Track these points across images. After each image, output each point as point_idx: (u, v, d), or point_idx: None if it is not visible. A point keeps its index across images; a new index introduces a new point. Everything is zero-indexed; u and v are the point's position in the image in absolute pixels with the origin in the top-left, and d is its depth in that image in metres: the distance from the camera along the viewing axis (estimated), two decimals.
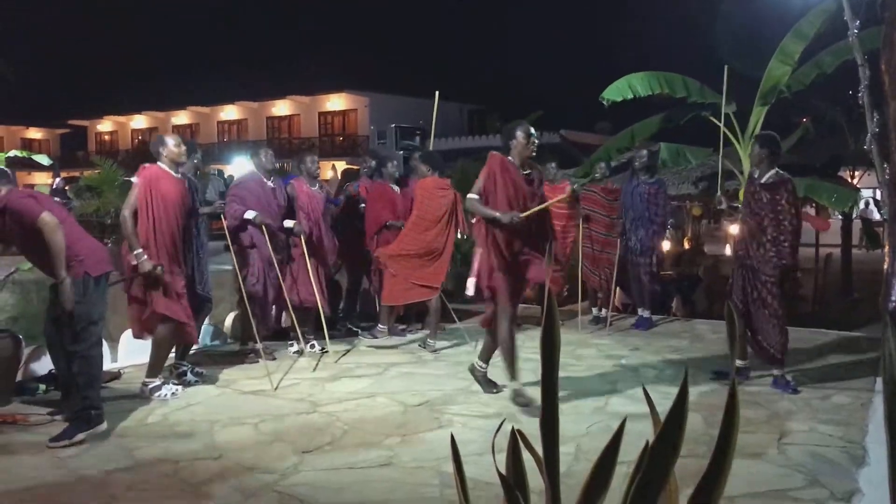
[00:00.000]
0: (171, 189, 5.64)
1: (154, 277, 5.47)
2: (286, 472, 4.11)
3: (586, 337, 8.07)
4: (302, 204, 7.16)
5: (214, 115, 42.69)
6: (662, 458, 1.44)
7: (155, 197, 5.54)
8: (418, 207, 7.34)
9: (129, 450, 4.48)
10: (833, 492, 3.79)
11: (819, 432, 4.77)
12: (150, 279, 5.48)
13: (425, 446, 4.54)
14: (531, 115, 23.81)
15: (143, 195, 5.51)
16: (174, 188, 5.68)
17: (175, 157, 5.76)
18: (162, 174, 5.66)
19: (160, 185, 5.58)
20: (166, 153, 5.74)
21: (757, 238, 5.78)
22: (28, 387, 5.73)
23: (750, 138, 10.14)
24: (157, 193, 5.55)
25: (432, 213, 7.27)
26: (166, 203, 5.57)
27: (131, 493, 3.84)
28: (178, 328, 5.69)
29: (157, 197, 5.54)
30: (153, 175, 5.61)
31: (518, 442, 1.74)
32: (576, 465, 4.12)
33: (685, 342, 7.83)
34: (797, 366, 6.63)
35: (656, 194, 8.30)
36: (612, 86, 10.08)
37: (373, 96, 35.18)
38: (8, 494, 3.82)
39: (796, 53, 9.68)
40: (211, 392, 5.86)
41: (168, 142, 5.79)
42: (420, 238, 7.26)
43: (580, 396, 5.58)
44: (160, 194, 5.56)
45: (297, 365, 6.76)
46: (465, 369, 6.29)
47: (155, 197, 5.54)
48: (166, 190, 5.60)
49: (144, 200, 5.51)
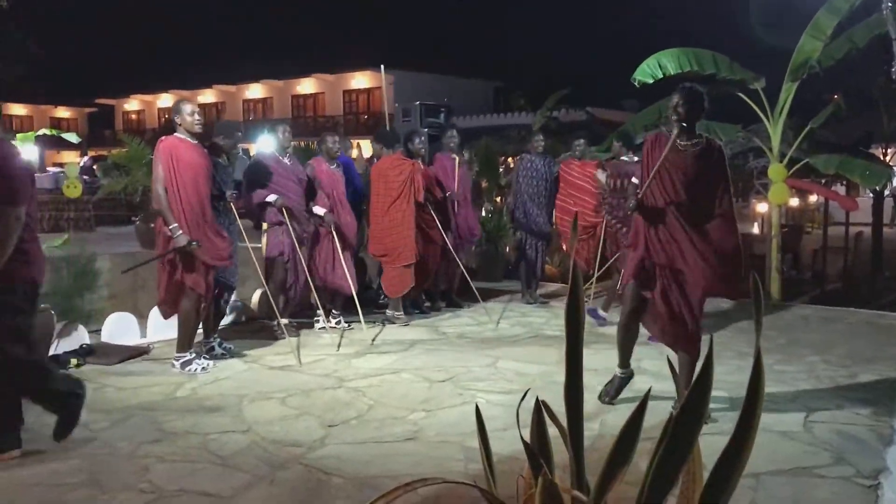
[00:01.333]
0: (191, 157, 5.64)
1: (188, 252, 5.52)
2: (313, 446, 4.16)
3: (612, 314, 8.04)
4: (323, 183, 7.19)
5: (240, 94, 42.79)
6: (686, 429, 1.44)
7: (177, 166, 5.55)
8: (375, 189, 7.46)
9: (159, 423, 4.56)
10: (859, 470, 3.77)
11: (846, 410, 4.74)
12: (184, 254, 5.54)
13: (450, 421, 4.57)
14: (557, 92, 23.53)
15: (166, 167, 5.55)
16: (194, 155, 5.68)
17: (189, 126, 5.74)
18: (179, 143, 5.67)
19: (180, 154, 5.59)
20: (180, 121, 5.75)
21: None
22: (61, 360, 5.84)
23: (779, 115, 9.99)
24: (179, 163, 5.56)
25: (391, 191, 7.41)
26: (189, 171, 5.58)
27: (162, 464, 3.91)
28: (199, 301, 5.76)
29: (179, 166, 5.56)
30: (171, 145, 5.62)
31: (542, 415, 1.75)
32: (600, 441, 4.12)
33: (710, 320, 7.77)
34: (825, 343, 6.59)
35: None
36: (641, 66, 9.93)
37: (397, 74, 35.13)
38: (42, 464, 3.91)
39: (829, 28, 9.49)
40: (238, 367, 5.93)
41: (183, 109, 5.77)
42: (385, 219, 7.44)
43: (605, 374, 5.58)
44: (182, 163, 5.57)
45: (323, 341, 6.82)
46: (488, 346, 6.30)
47: (177, 166, 5.55)
48: (188, 158, 5.61)
49: (169, 171, 5.55)
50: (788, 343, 6.65)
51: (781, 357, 6.09)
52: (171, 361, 5.82)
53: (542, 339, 6.91)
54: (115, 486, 3.63)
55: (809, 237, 19.23)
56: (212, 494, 3.53)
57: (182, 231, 5.49)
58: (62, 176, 12.84)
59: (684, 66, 9.75)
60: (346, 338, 6.94)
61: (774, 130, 10.04)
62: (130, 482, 3.68)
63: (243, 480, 3.70)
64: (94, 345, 6.29)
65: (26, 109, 45.50)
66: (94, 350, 6.16)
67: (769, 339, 6.79)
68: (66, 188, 11.98)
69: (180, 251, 5.52)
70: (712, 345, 1.48)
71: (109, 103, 47.68)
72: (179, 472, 3.82)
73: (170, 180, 5.54)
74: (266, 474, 3.77)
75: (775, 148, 10.05)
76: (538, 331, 7.25)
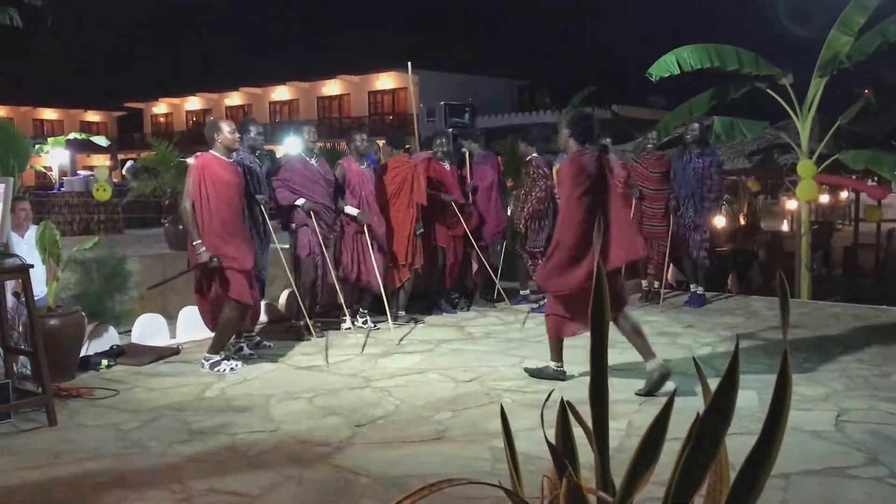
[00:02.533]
0: (224, 175, 5.72)
1: (211, 268, 5.59)
2: (340, 445, 4.18)
3: (639, 314, 7.97)
4: (352, 183, 7.22)
5: (266, 96, 43.10)
6: (713, 429, 1.43)
7: (209, 184, 5.63)
8: (378, 189, 7.46)
9: (188, 423, 4.61)
10: (893, 470, 3.71)
11: (879, 410, 4.66)
12: (208, 269, 5.61)
13: (476, 421, 4.57)
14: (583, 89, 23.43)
15: (196, 183, 5.62)
16: (228, 174, 5.76)
17: (230, 143, 5.84)
18: (215, 161, 5.74)
19: (214, 172, 5.67)
20: (220, 139, 5.80)
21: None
22: (92, 361, 5.92)
23: (808, 111, 9.87)
24: (211, 180, 5.64)
25: (389, 192, 7.46)
26: (221, 189, 5.66)
27: (191, 464, 3.96)
28: (243, 311, 5.81)
29: (211, 184, 5.63)
30: (206, 162, 5.70)
31: (568, 415, 1.74)
32: (627, 441, 4.11)
33: (740, 319, 7.71)
34: (857, 342, 6.50)
35: (709, 168, 8.13)
36: (659, 61, 9.86)
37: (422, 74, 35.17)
38: (75, 463, 3.97)
39: (858, 24, 9.37)
40: (266, 367, 5.98)
41: (223, 128, 5.84)
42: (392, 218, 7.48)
43: (633, 374, 5.55)
44: (214, 181, 5.65)
45: (349, 341, 6.85)
46: (514, 346, 6.29)
47: (209, 184, 5.63)
48: (220, 176, 5.69)
49: (199, 188, 5.61)
50: (819, 341, 6.57)
51: (812, 355, 6.01)
52: (199, 362, 5.88)
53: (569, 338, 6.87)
54: (144, 486, 3.68)
55: (840, 234, 18.97)
56: (240, 494, 3.56)
57: (205, 247, 5.56)
58: (92, 179, 13.02)
59: (704, 63, 9.66)
60: (372, 337, 6.97)
61: (803, 126, 9.92)
62: (160, 481, 3.72)
63: (271, 480, 3.72)
64: (125, 346, 6.37)
65: (57, 113, 46.21)
66: (125, 351, 6.24)
67: (799, 337, 6.71)
68: (95, 191, 12.15)
69: (202, 266, 5.60)
70: (738, 344, 1.47)
71: (138, 107, 48.26)
72: (208, 471, 3.86)
73: (198, 196, 5.61)
74: (294, 474, 3.80)
75: (804, 144, 9.93)
76: None
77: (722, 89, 10.39)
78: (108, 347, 6.22)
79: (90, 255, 6.93)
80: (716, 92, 10.45)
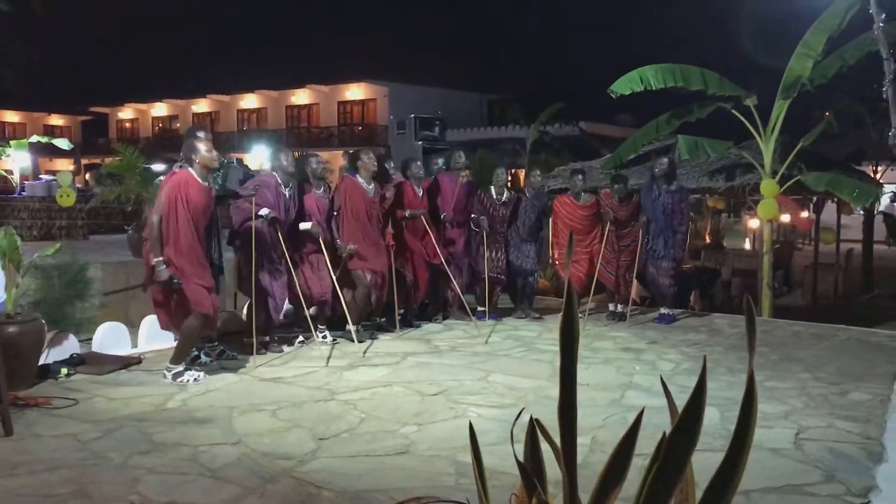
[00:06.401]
0: (197, 198, 5.67)
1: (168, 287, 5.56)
2: (304, 459, 4.15)
3: (603, 330, 8.06)
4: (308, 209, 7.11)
5: (234, 104, 42.80)
6: (679, 449, 1.44)
7: (182, 203, 5.57)
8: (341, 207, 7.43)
9: (149, 434, 4.54)
10: (850, 487, 3.78)
11: (837, 428, 4.75)
12: (164, 287, 5.58)
13: (441, 435, 4.56)
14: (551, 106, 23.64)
15: (170, 200, 5.56)
16: (201, 197, 5.72)
17: (208, 162, 5.77)
18: (191, 181, 5.68)
19: (189, 193, 5.61)
20: (198, 159, 5.73)
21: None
22: (51, 370, 5.81)
23: (771, 132, 10.05)
24: (184, 201, 5.58)
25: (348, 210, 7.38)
26: (191, 210, 5.61)
27: (151, 476, 3.89)
28: (206, 321, 5.75)
29: (183, 204, 5.57)
30: (182, 181, 5.64)
31: (536, 431, 1.75)
32: (591, 457, 4.13)
33: (703, 335, 7.81)
34: (816, 360, 6.61)
35: (679, 203, 8.25)
36: (622, 78, 9.97)
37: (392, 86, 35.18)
38: (31, 475, 3.88)
39: (819, 46, 9.57)
40: (229, 379, 5.91)
41: (200, 148, 5.75)
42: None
43: (596, 389, 5.59)
44: (189, 202, 5.59)
45: (314, 353, 6.80)
46: (480, 360, 6.30)
47: (182, 203, 5.57)
48: (194, 199, 5.64)
49: (170, 205, 5.56)
50: (780, 359, 6.67)
51: (772, 373, 6.10)
52: (162, 372, 5.80)
53: (533, 352, 6.91)
54: (104, 498, 3.61)
55: (800, 253, 19.31)
56: None
57: (165, 265, 5.51)
58: (55, 184, 12.79)
59: (668, 82, 9.80)
60: (338, 349, 6.93)
61: (766, 147, 10.10)
62: (120, 493, 3.66)
63: (233, 493, 3.68)
64: (85, 354, 6.26)
65: (19, 116, 45.45)
66: (85, 360, 6.13)
67: (760, 355, 6.81)
68: (60, 197, 11.93)
69: (161, 284, 5.58)
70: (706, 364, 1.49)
71: (104, 111, 47.65)
72: (169, 483, 3.80)
73: (169, 212, 5.55)
74: (256, 487, 3.76)
75: (767, 165, 10.11)
76: (530, 344, 7.25)
77: (687, 109, 10.55)
78: (69, 356, 6.11)
79: (51, 261, 6.80)
80: (681, 111, 10.61)
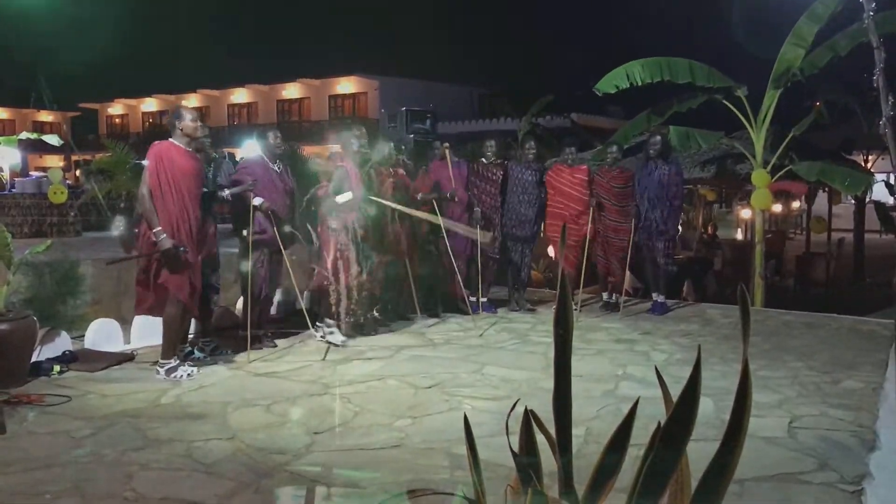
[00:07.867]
0: (184, 164, 5.60)
1: (173, 256, 5.48)
2: (298, 453, 4.15)
3: (596, 321, 8.07)
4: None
5: (225, 98, 42.64)
6: (674, 439, 1.45)
7: (166, 173, 5.51)
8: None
9: (143, 430, 4.52)
10: (843, 475, 3.80)
11: (829, 416, 4.77)
12: (168, 257, 5.50)
13: (436, 428, 4.56)
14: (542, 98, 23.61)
15: (153, 172, 5.51)
16: (188, 163, 5.65)
17: (191, 131, 5.72)
18: (174, 149, 5.63)
19: (173, 161, 5.55)
20: (182, 126, 5.68)
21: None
22: (44, 367, 5.79)
23: (762, 122, 10.07)
24: (169, 169, 5.52)
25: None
26: (179, 179, 5.54)
27: (146, 472, 3.88)
28: (184, 309, 5.72)
29: (168, 172, 5.51)
30: (163, 150, 5.59)
31: (531, 423, 1.75)
32: (585, 448, 4.14)
33: (695, 326, 7.83)
34: (809, 349, 6.64)
35: (675, 176, 8.26)
36: (607, 76, 9.93)
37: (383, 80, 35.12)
38: (26, 473, 3.87)
39: (810, 36, 9.59)
40: (223, 374, 5.90)
41: (184, 116, 5.72)
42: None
43: (590, 380, 5.60)
44: (172, 170, 5.53)
45: (309, 348, 6.80)
46: (475, 352, 6.31)
47: (166, 173, 5.51)
48: (179, 165, 5.57)
49: (156, 177, 5.51)
50: (772, 349, 6.70)
51: (765, 363, 6.13)
52: (155, 368, 5.78)
53: (527, 344, 6.92)
54: (98, 494, 3.60)
55: (792, 243, 19.36)
56: (196, 502, 3.51)
57: (166, 234, 5.46)
58: (45, 181, 12.72)
59: (655, 77, 9.78)
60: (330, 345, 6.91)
61: (758, 137, 10.12)
62: (114, 490, 3.64)
63: (228, 488, 3.67)
64: (77, 351, 6.24)
65: (8, 113, 45.13)
66: (77, 357, 6.11)
67: (753, 344, 6.83)
68: (52, 194, 11.87)
69: (165, 254, 5.49)
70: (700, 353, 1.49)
71: (93, 107, 47.36)
72: (163, 479, 3.79)
73: (157, 184, 5.50)
74: (251, 482, 3.75)
75: (758, 155, 10.13)
76: (524, 336, 7.26)
77: (678, 100, 10.55)
78: (61, 353, 6.08)
79: (43, 258, 6.76)
80: (671, 102, 10.61)
